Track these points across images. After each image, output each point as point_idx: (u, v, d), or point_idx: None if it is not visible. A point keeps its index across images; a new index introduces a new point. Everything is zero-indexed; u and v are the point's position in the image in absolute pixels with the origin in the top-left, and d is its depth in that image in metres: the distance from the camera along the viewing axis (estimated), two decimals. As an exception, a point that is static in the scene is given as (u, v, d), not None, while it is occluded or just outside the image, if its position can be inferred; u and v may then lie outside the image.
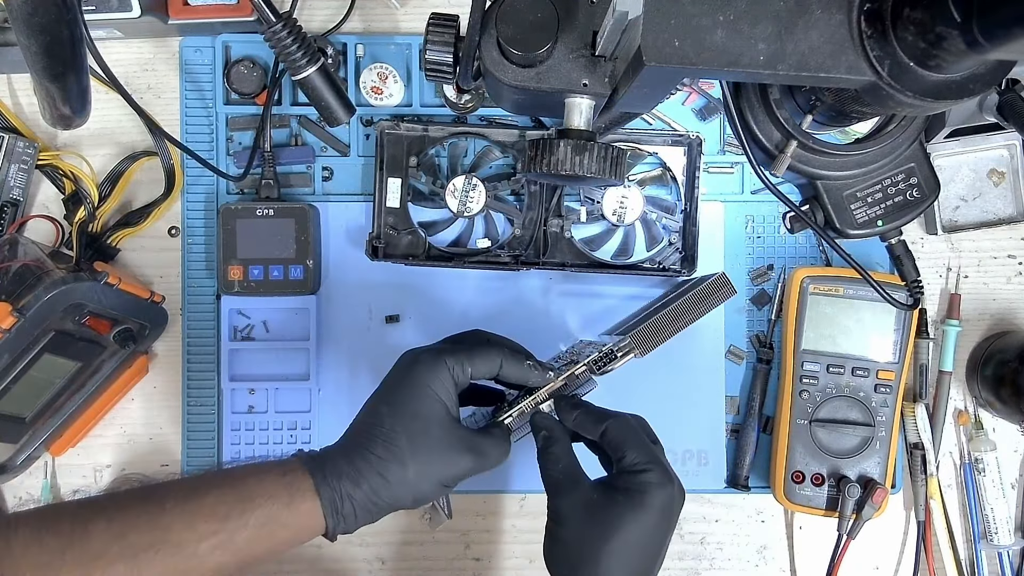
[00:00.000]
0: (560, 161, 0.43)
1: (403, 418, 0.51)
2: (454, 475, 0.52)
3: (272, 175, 0.69)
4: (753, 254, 0.73)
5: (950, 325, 0.72)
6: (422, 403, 0.51)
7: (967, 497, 0.72)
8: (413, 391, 0.52)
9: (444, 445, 0.51)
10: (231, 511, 0.48)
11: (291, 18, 0.55)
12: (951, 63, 0.35)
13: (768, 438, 0.72)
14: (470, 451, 0.52)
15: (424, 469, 0.50)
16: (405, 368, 0.53)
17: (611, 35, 0.41)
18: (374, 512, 0.51)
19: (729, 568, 0.73)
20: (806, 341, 0.69)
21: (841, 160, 0.52)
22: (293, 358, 0.71)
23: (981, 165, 0.72)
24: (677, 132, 0.70)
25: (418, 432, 0.51)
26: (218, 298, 0.71)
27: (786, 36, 0.37)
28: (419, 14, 0.72)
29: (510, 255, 0.70)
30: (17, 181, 0.69)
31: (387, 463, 0.50)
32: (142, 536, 0.46)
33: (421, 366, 0.52)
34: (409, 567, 0.72)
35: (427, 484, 0.51)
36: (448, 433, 0.51)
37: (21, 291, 0.59)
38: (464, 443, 0.52)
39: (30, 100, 0.71)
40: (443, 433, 0.51)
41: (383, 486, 0.50)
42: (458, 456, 0.51)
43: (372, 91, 0.69)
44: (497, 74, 0.44)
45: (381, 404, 0.52)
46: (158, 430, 0.72)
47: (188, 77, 0.71)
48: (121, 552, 0.46)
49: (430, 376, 0.52)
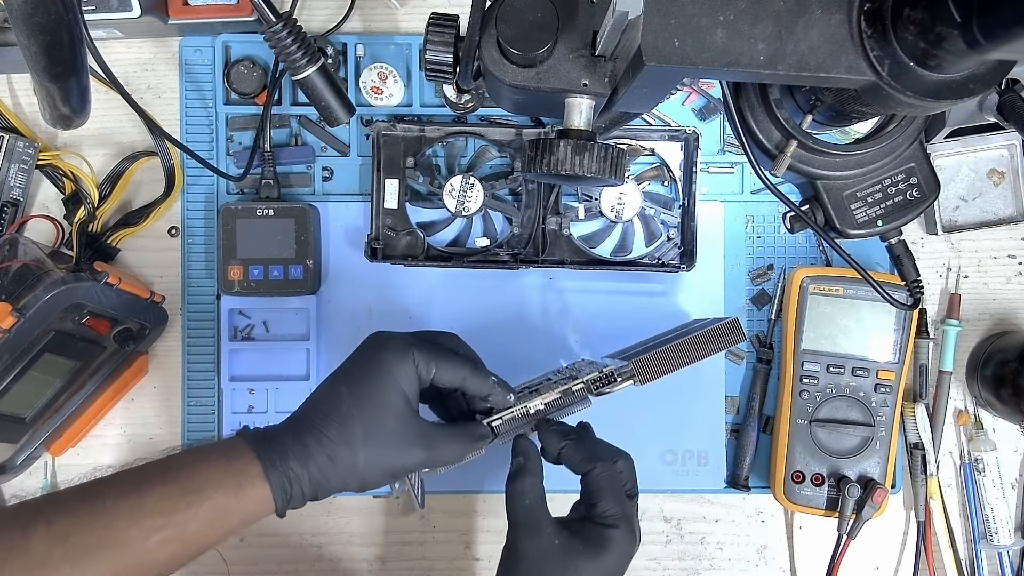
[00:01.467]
0: (560, 161, 0.43)
1: (361, 403, 0.50)
2: (403, 466, 0.51)
3: (272, 175, 0.69)
4: (753, 254, 0.73)
5: (950, 325, 0.72)
6: (383, 392, 0.51)
7: (967, 497, 0.72)
8: (376, 378, 0.51)
9: (398, 437, 0.51)
10: (177, 504, 0.46)
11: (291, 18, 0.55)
12: (951, 63, 0.35)
13: (768, 438, 0.72)
14: (423, 446, 0.51)
15: (374, 458, 0.50)
16: (372, 352, 0.53)
17: (611, 35, 0.41)
18: (320, 493, 0.50)
19: (729, 568, 0.73)
20: (806, 341, 0.69)
21: (841, 160, 0.52)
22: (293, 358, 0.71)
23: (981, 165, 0.72)
24: (673, 128, 0.70)
25: (374, 420, 0.50)
26: (218, 298, 0.71)
27: (786, 36, 0.37)
28: (419, 14, 0.72)
29: (509, 254, 0.70)
30: (17, 181, 0.69)
31: (338, 447, 0.49)
32: (85, 536, 0.45)
33: (389, 353, 0.52)
34: (409, 567, 0.72)
35: (375, 473, 0.50)
36: (404, 425, 0.51)
37: (21, 291, 0.59)
38: (419, 437, 0.51)
39: (30, 100, 0.71)
40: (399, 425, 0.51)
41: (330, 468, 0.49)
42: (410, 449, 0.51)
43: (372, 91, 0.69)
44: (497, 74, 0.44)
45: (340, 384, 0.51)
46: (158, 430, 0.72)
47: (188, 77, 0.71)
48: (65, 555, 0.44)
49: (396, 365, 0.51)
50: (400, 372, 0.51)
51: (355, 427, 0.50)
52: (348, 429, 0.49)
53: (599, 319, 0.72)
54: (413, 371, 0.52)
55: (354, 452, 0.49)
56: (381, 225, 0.70)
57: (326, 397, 0.51)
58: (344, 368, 0.53)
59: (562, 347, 0.72)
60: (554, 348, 0.71)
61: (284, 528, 0.71)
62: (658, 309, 0.72)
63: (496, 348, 0.71)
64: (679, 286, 0.72)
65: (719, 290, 0.72)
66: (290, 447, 0.49)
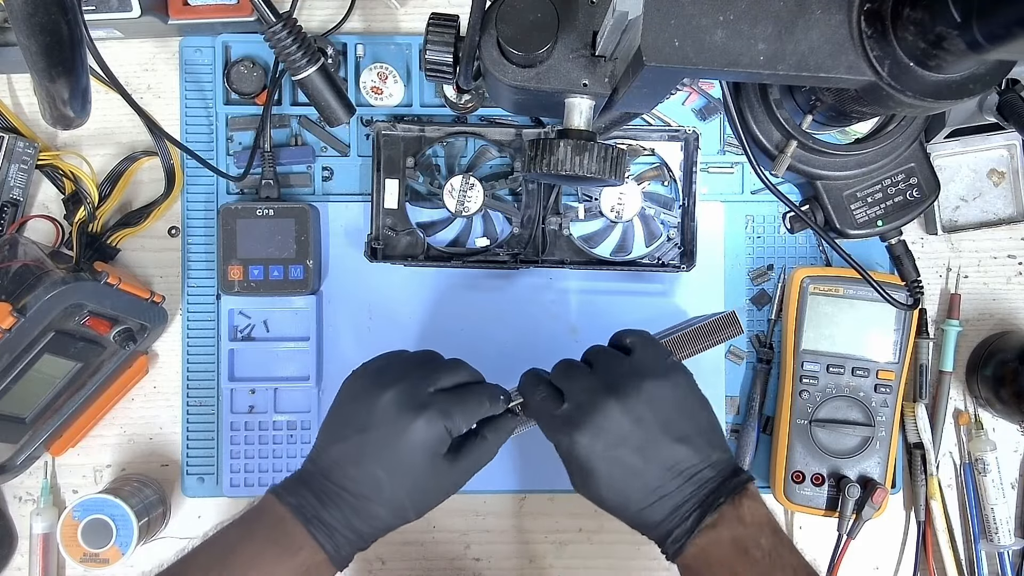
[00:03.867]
0: (560, 161, 0.43)
1: (403, 484, 0.53)
2: (439, 500, 0.56)
3: (272, 175, 0.69)
4: (753, 254, 0.73)
5: (950, 325, 0.72)
6: (424, 469, 0.53)
7: (967, 497, 0.72)
8: (417, 459, 0.53)
9: (441, 490, 0.55)
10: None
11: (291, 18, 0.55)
12: (951, 63, 0.35)
13: (768, 438, 0.72)
14: (456, 483, 0.55)
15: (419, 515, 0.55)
16: (406, 434, 0.53)
17: (611, 35, 0.41)
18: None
19: (729, 568, 0.72)
20: (806, 341, 0.69)
21: (841, 160, 0.52)
22: (293, 358, 0.71)
23: (981, 165, 0.72)
24: (673, 128, 0.70)
25: (417, 495, 0.54)
26: (218, 298, 0.71)
27: (786, 36, 0.37)
28: (419, 14, 0.72)
29: (509, 254, 0.70)
30: (17, 181, 0.69)
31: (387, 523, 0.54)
32: None
33: (426, 437, 0.53)
34: (409, 567, 0.72)
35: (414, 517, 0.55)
36: (443, 480, 0.54)
37: (21, 291, 0.59)
38: (452, 478, 0.55)
39: (30, 100, 0.71)
40: (438, 484, 0.54)
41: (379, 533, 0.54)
42: (447, 487, 0.55)
43: (372, 91, 0.69)
44: (497, 74, 0.44)
45: (377, 469, 0.52)
46: (158, 430, 0.72)
47: (188, 77, 0.71)
48: None
49: (434, 442, 0.53)
50: (436, 444, 0.53)
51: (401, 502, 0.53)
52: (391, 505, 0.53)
53: (599, 319, 0.72)
54: (447, 441, 0.54)
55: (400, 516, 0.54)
56: (381, 225, 0.70)
57: (365, 478, 0.53)
58: (376, 446, 0.53)
59: (562, 347, 0.71)
60: (554, 348, 0.71)
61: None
62: (658, 309, 0.72)
63: (496, 348, 0.71)
64: (679, 286, 0.72)
65: (719, 290, 0.72)
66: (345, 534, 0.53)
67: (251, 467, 0.70)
